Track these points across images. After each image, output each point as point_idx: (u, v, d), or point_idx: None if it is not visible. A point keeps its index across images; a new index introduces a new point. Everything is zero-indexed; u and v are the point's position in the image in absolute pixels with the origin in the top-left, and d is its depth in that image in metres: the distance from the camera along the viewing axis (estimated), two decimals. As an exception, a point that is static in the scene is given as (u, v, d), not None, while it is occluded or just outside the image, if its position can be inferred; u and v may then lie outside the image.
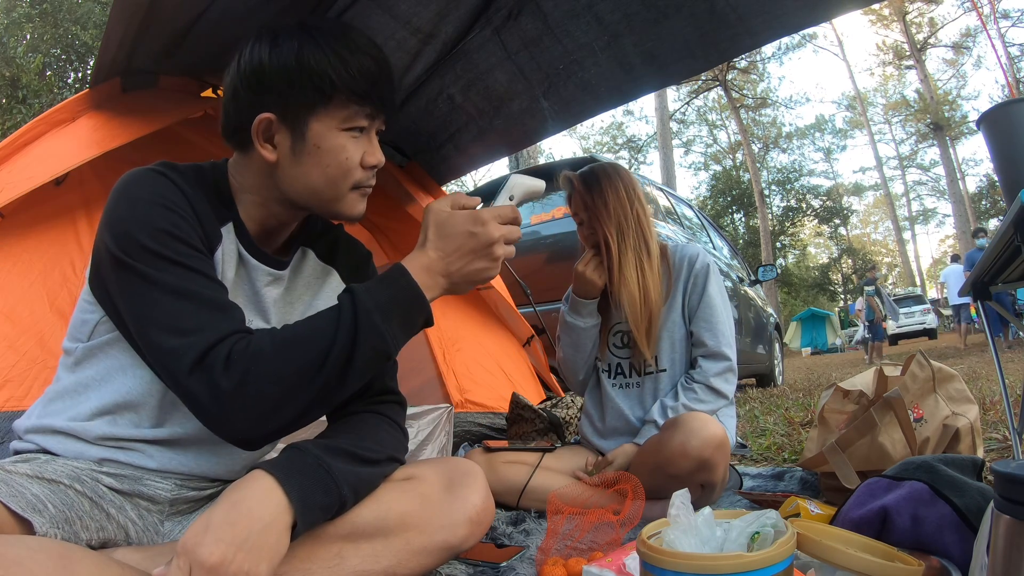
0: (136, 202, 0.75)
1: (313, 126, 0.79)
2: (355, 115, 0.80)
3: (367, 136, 0.82)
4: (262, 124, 0.80)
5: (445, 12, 1.61)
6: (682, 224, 4.19)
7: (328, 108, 0.79)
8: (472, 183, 18.84)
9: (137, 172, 0.79)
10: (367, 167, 0.82)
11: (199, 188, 0.82)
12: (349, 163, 0.81)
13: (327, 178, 0.81)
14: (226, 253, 0.83)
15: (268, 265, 0.88)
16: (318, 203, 0.84)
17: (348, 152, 0.80)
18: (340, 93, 0.78)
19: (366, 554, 0.76)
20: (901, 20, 21.26)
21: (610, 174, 1.56)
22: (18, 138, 1.41)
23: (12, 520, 0.64)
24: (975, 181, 24.87)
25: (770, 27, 1.60)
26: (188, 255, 0.74)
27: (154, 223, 0.73)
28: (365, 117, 0.81)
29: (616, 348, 1.59)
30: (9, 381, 1.33)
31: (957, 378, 1.47)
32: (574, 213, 1.59)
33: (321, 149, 0.80)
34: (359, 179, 0.82)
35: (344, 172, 0.81)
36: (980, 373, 4.21)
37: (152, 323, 0.71)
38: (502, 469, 1.51)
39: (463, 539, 0.83)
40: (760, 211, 21.87)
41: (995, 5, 16.98)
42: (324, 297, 0.96)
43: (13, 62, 8.30)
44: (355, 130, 0.81)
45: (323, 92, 0.78)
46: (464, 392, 2.29)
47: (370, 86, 0.79)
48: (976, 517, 0.81)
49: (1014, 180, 1.12)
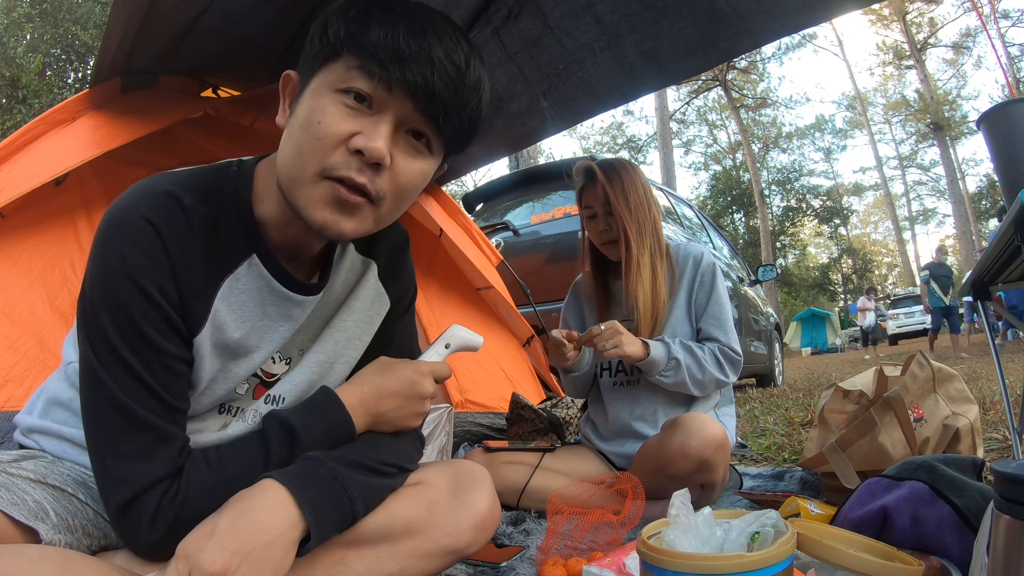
0: (109, 267, 0.64)
1: (312, 83, 0.65)
2: (351, 75, 0.62)
3: (372, 116, 0.63)
4: (287, 85, 0.69)
5: (445, 12, 1.61)
6: (682, 224, 4.19)
7: (331, 66, 0.64)
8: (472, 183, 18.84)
9: (124, 217, 0.65)
10: (351, 149, 0.62)
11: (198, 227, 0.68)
12: (322, 129, 0.61)
13: (296, 148, 0.64)
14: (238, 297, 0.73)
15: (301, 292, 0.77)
16: (288, 187, 0.66)
17: (326, 116, 0.62)
18: (348, 50, 0.62)
19: (370, 561, 0.75)
20: (901, 20, 21.26)
21: (629, 169, 1.55)
22: (18, 138, 1.41)
23: (14, 528, 0.63)
24: (975, 181, 24.90)
25: (770, 27, 1.60)
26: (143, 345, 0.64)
27: (116, 299, 0.63)
28: (367, 82, 0.62)
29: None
30: (9, 381, 1.33)
31: (957, 378, 1.47)
32: (587, 205, 1.56)
33: (303, 108, 0.64)
34: (335, 162, 0.62)
35: (315, 141, 0.62)
36: (980, 373, 4.21)
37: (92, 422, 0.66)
38: (502, 469, 1.51)
39: (468, 544, 0.82)
40: (760, 211, 21.87)
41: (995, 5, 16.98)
42: (358, 295, 0.85)
43: (13, 62, 8.29)
44: (350, 95, 0.62)
45: (332, 45, 0.63)
46: (464, 392, 2.29)
47: (391, 49, 0.61)
48: (976, 517, 0.81)
49: (1014, 180, 1.12)
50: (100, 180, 1.57)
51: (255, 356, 0.76)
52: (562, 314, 1.73)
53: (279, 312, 0.76)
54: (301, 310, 0.78)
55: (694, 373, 1.43)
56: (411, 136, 0.66)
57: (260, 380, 0.80)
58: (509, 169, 7.35)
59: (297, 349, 0.83)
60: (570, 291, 1.73)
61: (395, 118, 0.64)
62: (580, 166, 1.59)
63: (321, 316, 0.83)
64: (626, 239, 1.49)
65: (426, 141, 0.67)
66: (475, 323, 2.48)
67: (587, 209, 1.57)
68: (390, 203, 0.68)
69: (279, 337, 0.77)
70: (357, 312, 0.86)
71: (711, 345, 1.48)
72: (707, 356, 1.45)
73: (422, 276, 2.36)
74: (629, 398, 1.55)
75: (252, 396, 0.79)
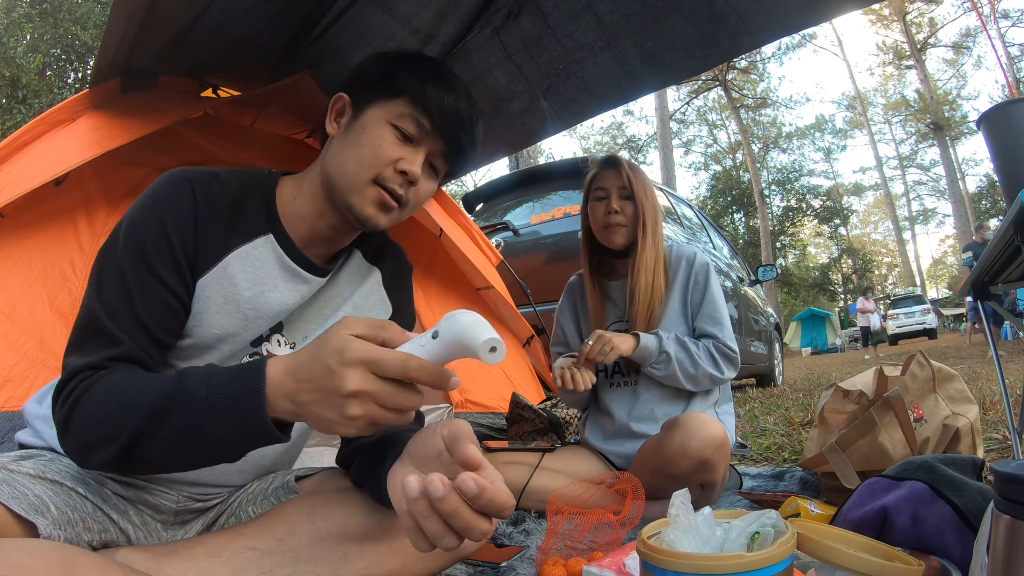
0: (143, 205, 0.79)
1: (370, 111, 0.84)
2: (406, 117, 0.83)
3: (413, 148, 0.84)
4: (338, 103, 0.88)
5: (445, 12, 1.61)
6: (682, 224, 4.19)
7: (389, 103, 0.84)
8: (472, 183, 18.85)
9: (169, 176, 0.82)
10: (398, 169, 0.83)
11: (229, 202, 0.84)
12: (380, 151, 0.83)
13: (357, 159, 0.83)
14: (253, 262, 0.84)
15: (310, 271, 0.89)
16: (343, 187, 0.84)
17: (384, 141, 0.83)
18: (405, 95, 0.83)
19: (372, 557, 0.75)
20: (901, 20, 21.27)
21: (644, 171, 1.61)
22: (18, 138, 1.41)
23: (15, 522, 0.64)
24: (975, 181, 24.92)
25: (770, 27, 1.60)
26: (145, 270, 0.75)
27: (138, 230, 0.76)
28: (416, 126, 0.83)
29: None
30: (9, 381, 1.33)
31: (957, 378, 1.47)
32: (599, 187, 1.56)
33: (365, 130, 0.84)
34: (384, 174, 0.83)
35: (372, 158, 0.82)
36: (980, 373, 4.21)
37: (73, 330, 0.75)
38: (502, 469, 1.51)
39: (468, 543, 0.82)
40: (760, 211, 21.88)
41: (995, 5, 16.98)
42: (362, 294, 0.97)
43: (13, 62, 8.30)
44: (400, 132, 0.84)
45: (392, 87, 0.84)
46: (464, 392, 2.29)
47: (436, 107, 0.83)
48: (976, 517, 0.81)
49: (1014, 180, 1.12)
50: (100, 180, 1.57)
51: (262, 320, 0.85)
52: (556, 317, 1.73)
53: (287, 285, 0.88)
54: (307, 287, 0.90)
55: (686, 367, 1.44)
56: (433, 165, 0.88)
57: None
58: (509, 169, 7.36)
59: (302, 335, 0.91)
60: (564, 293, 1.73)
61: (427, 152, 0.86)
62: (599, 157, 1.62)
63: (327, 306, 0.94)
64: (643, 225, 1.51)
65: (441, 169, 0.90)
66: (475, 323, 2.48)
67: (599, 191, 1.56)
68: (410, 208, 0.89)
69: (285, 307, 0.87)
70: (361, 310, 0.96)
71: (706, 341, 1.49)
72: (700, 352, 1.46)
73: (422, 276, 2.36)
74: (627, 398, 1.55)
75: None
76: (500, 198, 3.93)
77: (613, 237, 1.53)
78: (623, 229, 1.52)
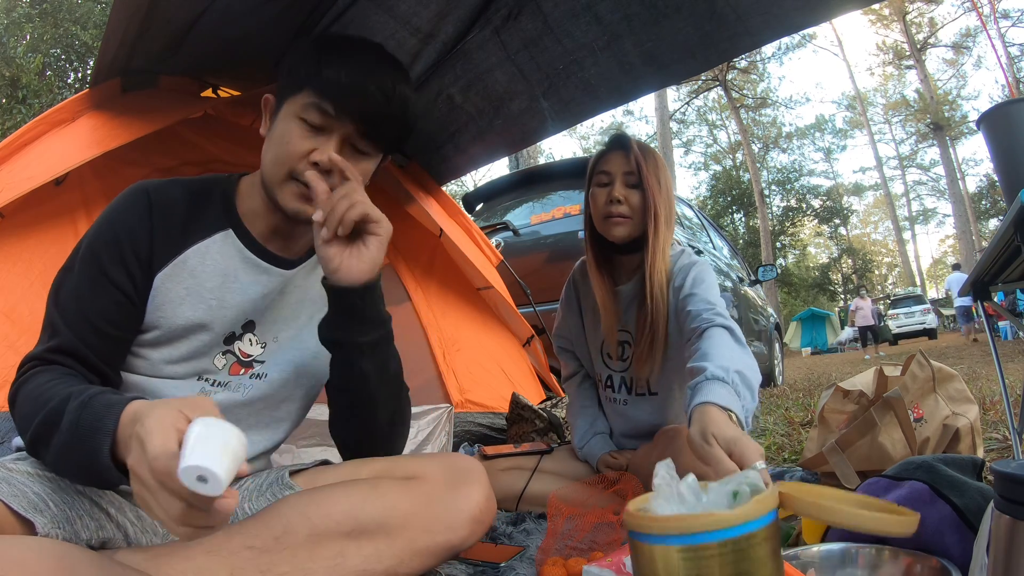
0: (101, 219, 0.86)
1: (283, 108, 0.86)
2: (310, 107, 0.83)
3: (325, 136, 0.84)
4: (267, 105, 0.91)
5: (445, 12, 1.61)
6: (682, 224, 4.19)
7: (296, 97, 0.84)
8: (472, 183, 18.85)
9: (129, 188, 0.88)
10: (310, 161, 0.84)
11: (201, 203, 0.90)
12: (290, 147, 0.84)
13: (273, 157, 0.86)
14: (214, 255, 0.89)
15: (271, 262, 0.93)
16: (268, 185, 0.87)
17: (292, 136, 0.84)
18: (307, 86, 0.83)
19: (368, 553, 0.76)
20: (901, 20, 21.27)
21: (661, 157, 1.40)
22: (18, 138, 1.41)
23: (14, 519, 0.65)
24: (975, 181, 24.91)
25: (770, 27, 1.60)
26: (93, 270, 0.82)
27: (92, 238, 0.84)
28: (319, 114, 0.83)
29: (608, 359, 1.48)
30: (9, 381, 1.32)
31: (957, 378, 1.47)
32: (604, 171, 1.36)
33: (278, 128, 0.86)
34: (298, 169, 0.84)
35: (284, 155, 0.84)
36: (980, 373, 4.21)
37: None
38: (500, 475, 1.50)
39: (465, 539, 0.83)
40: (760, 211, 21.87)
41: (995, 5, 16.98)
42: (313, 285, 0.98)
43: (13, 62, 8.30)
44: (307, 124, 0.84)
45: (296, 80, 0.85)
46: (464, 392, 2.29)
47: (334, 90, 0.82)
48: (976, 517, 0.81)
49: (1014, 180, 1.12)
50: (100, 180, 1.57)
51: (227, 310, 0.89)
52: (560, 307, 1.62)
53: (249, 276, 0.91)
54: (269, 278, 0.93)
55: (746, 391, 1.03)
56: (354, 146, 0.87)
57: (237, 358, 0.91)
58: (509, 169, 7.35)
59: (272, 335, 0.94)
60: (568, 284, 1.60)
61: (340, 136, 0.85)
62: (615, 135, 1.41)
63: (296, 305, 0.96)
64: (655, 217, 1.31)
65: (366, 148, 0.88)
66: (475, 323, 2.49)
67: (602, 175, 1.36)
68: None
69: (249, 299, 0.91)
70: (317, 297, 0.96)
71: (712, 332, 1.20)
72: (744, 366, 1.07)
73: (422, 276, 2.36)
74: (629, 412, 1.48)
75: (229, 372, 0.91)
76: (500, 198, 3.93)
77: (612, 230, 1.34)
78: (626, 221, 1.33)
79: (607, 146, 1.40)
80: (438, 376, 2.26)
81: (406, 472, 0.85)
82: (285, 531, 0.73)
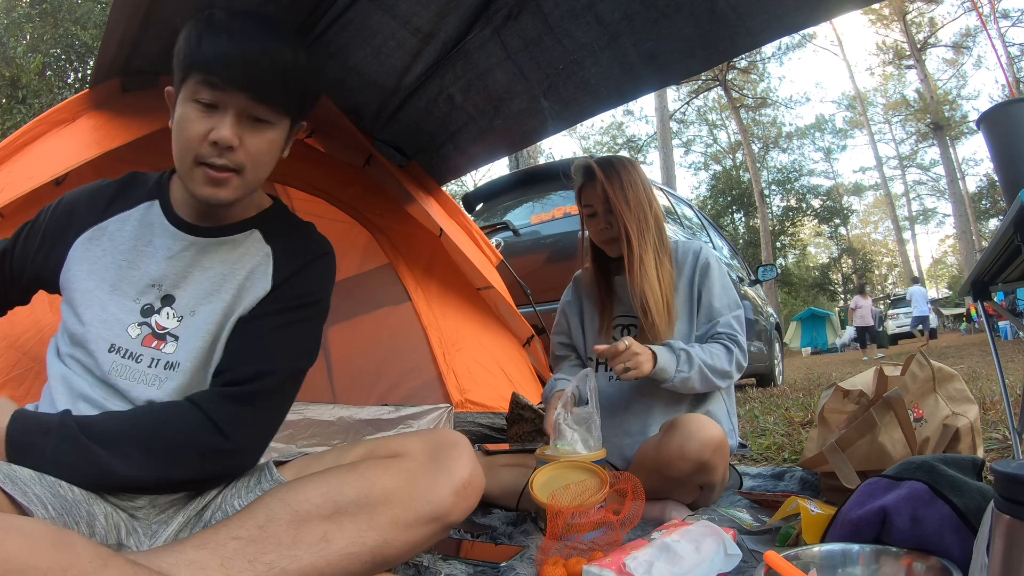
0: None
1: (179, 97, 0.86)
2: (199, 85, 0.83)
3: (220, 114, 0.83)
4: (168, 96, 0.91)
5: (445, 12, 1.61)
6: (682, 224, 4.19)
7: (187, 82, 0.84)
8: (472, 183, 18.84)
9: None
10: (210, 141, 0.83)
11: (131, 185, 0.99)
12: (188, 132, 0.84)
13: (177, 147, 0.86)
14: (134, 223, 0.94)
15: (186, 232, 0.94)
16: (180, 177, 0.89)
17: (189, 121, 0.84)
18: (192, 66, 0.83)
19: (351, 534, 0.76)
20: (901, 20, 21.26)
21: (628, 166, 1.54)
22: (18, 138, 1.41)
23: (14, 509, 0.67)
24: (975, 181, 24.88)
25: (770, 27, 1.60)
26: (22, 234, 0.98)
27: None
28: (209, 90, 0.82)
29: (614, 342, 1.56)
30: (10, 381, 1.33)
31: (957, 378, 1.47)
32: (586, 204, 1.54)
33: (177, 117, 0.86)
34: (202, 153, 0.84)
35: (185, 141, 0.84)
36: (980, 373, 4.21)
37: None
38: (501, 472, 1.51)
39: (449, 510, 0.82)
40: (760, 211, 21.87)
41: (995, 5, 16.97)
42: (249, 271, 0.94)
43: (13, 62, 8.29)
44: (201, 104, 0.83)
45: (184, 67, 0.84)
46: (464, 392, 2.29)
47: (216, 60, 0.82)
48: (976, 517, 0.81)
49: (1014, 180, 1.12)
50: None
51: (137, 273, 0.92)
52: (560, 308, 1.71)
53: (164, 241, 0.93)
54: (183, 244, 0.93)
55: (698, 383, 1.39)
56: (253, 116, 0.85)
57: (152, 330, 0.90)
58: (509, 169, 7.35)
59: (189, 309, 0.92)
60: (569, 286, 1.72)
61: (235, 110, 0.83)
62: (578, 164, 1.57)
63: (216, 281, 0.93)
64: (627, 237, 1.47)
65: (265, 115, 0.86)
66: (475, 323, 2.49)
67: (587, 208, 1.55)
68: (251, 170, 0.88)
69: (160, 264, 0.92)
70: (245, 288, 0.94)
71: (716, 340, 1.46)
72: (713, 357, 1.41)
73: (422, 276, 2.36)
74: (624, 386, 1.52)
75: (142, 343, 0.89)
76: (500, 198, 3.93)
77: (611, 250, 1.55)
78: (618, 241, 1.50)
79: (581, 177, 1.56)
80: (438, 376, 2.26)
81: (389, 451, 0.86)
82: (268, 519, 0.74)
